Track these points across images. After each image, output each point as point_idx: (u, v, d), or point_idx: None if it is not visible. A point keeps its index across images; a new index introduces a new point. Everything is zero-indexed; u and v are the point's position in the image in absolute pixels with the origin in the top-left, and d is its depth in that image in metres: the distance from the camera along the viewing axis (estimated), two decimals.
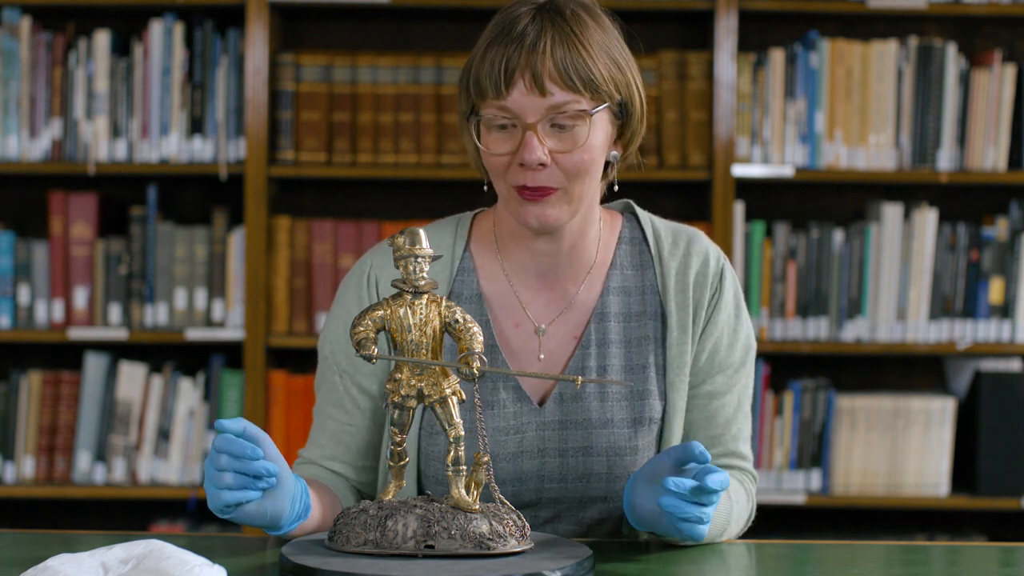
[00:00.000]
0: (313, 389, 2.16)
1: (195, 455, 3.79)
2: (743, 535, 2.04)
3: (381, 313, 1.76)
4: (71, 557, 1.62)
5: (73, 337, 3.75)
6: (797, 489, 3.81)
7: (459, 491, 1.74)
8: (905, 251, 3.79)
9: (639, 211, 2.09)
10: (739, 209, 3.77)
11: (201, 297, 3.78)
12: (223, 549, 1.82)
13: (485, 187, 2.03)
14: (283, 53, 3.77)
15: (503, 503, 1.76)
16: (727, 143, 3.71)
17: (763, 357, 3.81)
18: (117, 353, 3.85)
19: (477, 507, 1.73)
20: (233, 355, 3.84)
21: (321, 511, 1.88)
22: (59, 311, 3.77)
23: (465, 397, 1.77)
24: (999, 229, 3.80)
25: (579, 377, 1.71)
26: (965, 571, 1.88)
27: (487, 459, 1.75)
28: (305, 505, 1.80)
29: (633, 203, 2.10)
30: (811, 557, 1.98)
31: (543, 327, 2.02)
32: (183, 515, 3.90)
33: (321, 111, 3.76)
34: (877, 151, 3.78)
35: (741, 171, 3.74)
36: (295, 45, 3.93)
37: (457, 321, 1.76)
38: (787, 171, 3.76)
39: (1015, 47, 3.96)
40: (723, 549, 1.91)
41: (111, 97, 3.76)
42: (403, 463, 1.81)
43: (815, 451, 3.82)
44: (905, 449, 3.81)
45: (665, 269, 2.04)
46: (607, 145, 1.96)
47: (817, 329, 3.80)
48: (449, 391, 1.76)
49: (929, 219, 3.78)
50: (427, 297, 1.76)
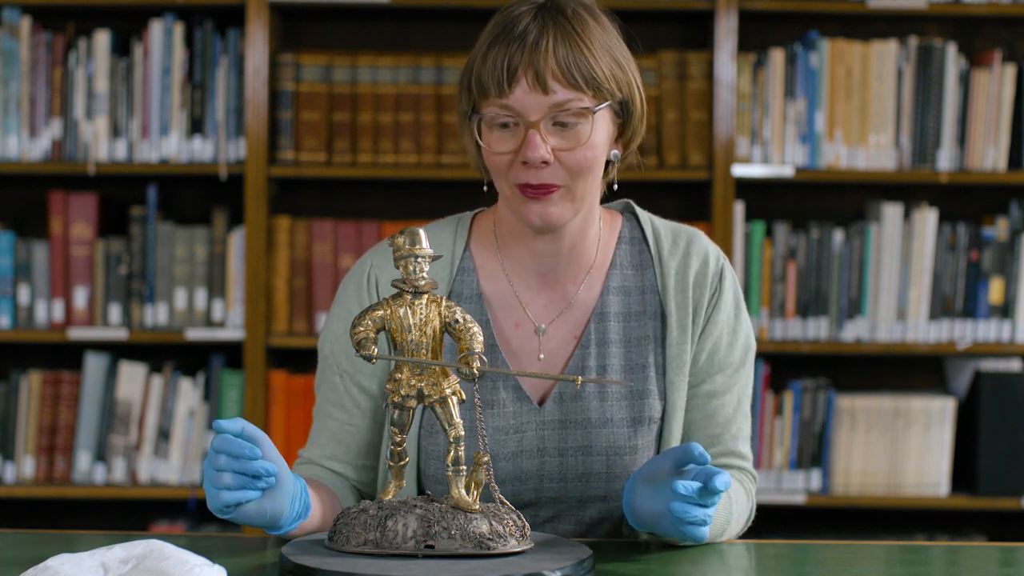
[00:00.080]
0: (313, 389, 2.16)
1: (195, 455, 3.78)
2: (743, 535, 2.04)
3: (381, 313, 1.76)
4: (71, 557, 1.62)
5: (73, 337, 3.75)
6: (797, 489, 3.80)
7: (459, 491, 1.74)
8: (905, 251, 3.78)
9: (639, 211, 2.09)
10: (739, 209, 3.76)
11: (201, 297, 3.78)
12: (223, 549, 1.82)
13: (485, 187, 2.03)
14: (283, 53, 3.77)
15: (503, 503, 1.76)
16: (727, 143, 3.71)
17: (763, 357, 3.81)
18: (117, 353, 3.85)
19: (477, 507, 1.73)
20: (233, 355, 3.84)
21: (321, 511, 1.88)
22: (59, 311, 3.77)
23: (465, 397, 1.77)
24: (999, 229, 3.80)
25: (579, 377, 1.71)
26: (965, 571, 1.88)
27: (487, 459, 1.75)
28: (305, 505, 1.80)
29: (633, 203, 2.10)
30: (811, 557, 1.98)
31: (543, 327, 2.02)
32: (183, 515, 3.89)
33: (321, 111, 3.76)
34: (877, 151, 3.78)
35: (741, 171, 3.74)
36: (295, 45, 3.93)
37: (457, 321, 1.76)
38: (787, 171, 3.76)
39: (1015, 47, 3.96)
40: (723, 549, 1.91)
41: (111, 97, 3.75)
42: (403, 463, 1.81)
43: (815, 451, 3.82)
44: (905, 449, 3.81)
45: (665, 269, 2.04)
46: (608, 143, 1.96)
47: (817, 329, 3.80)
48: (449, 391, 1.76)
49: (929, 219, 3.78)
50: (427, 297, 1.76)
